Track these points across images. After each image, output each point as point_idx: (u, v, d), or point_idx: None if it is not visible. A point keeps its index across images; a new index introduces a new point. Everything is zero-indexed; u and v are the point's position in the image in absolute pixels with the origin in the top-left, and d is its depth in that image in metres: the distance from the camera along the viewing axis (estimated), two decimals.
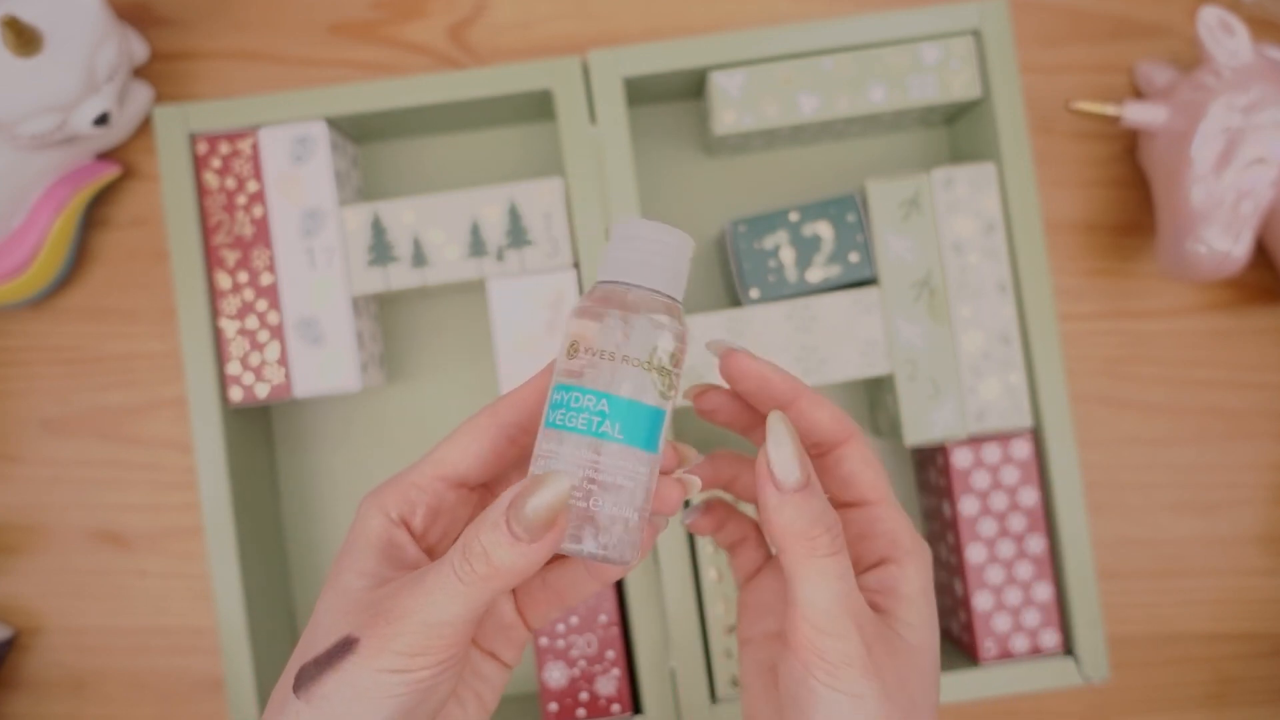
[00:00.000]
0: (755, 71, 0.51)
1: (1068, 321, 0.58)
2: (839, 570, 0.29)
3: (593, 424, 0.30)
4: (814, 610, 0.29)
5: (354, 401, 0.57)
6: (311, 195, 0.51)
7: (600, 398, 0.30)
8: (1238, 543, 0.58)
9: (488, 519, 0.28)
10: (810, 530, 0.29)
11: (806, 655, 0.29)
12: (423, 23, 0.58)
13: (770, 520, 0.29)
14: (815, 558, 0.29)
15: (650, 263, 0.32)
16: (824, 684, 0.28)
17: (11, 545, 0.57)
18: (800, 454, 0.30)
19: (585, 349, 0.31)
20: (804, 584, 0.29)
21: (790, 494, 0.29)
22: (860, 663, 0.28)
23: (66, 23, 0.48)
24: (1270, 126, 0.50)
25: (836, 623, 0.29)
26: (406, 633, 0.28)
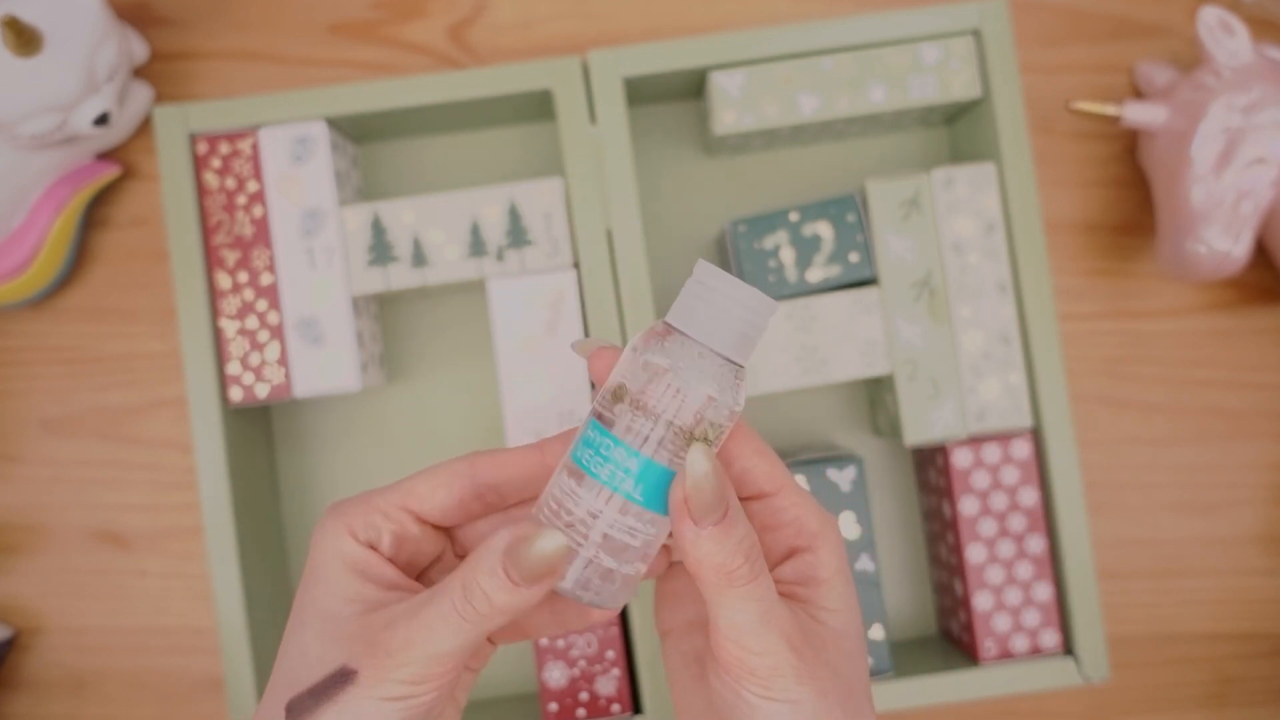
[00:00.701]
0: (755, 71, 0.51)
1: (1068, 321, 0.58)
2: (758, 594, 0.29)
3: (616, 479, 0.29)
4: (738, 631, 0.29)
5: (354, 401, 0.57)
6: (311, 195, 0.51)
7: (632, 455, 0.29)
8: (1238, 543, 0.58)
9: (484, 563, 0.28)
10: (729, 563, 0.29)
11: (737, 672, 0.29)
12: (423, 23, 0.58)
13: (686, 554, 0.29)
14: (733, 588, 0.29)
15: (726, 323, 0.30)
16: (759, 696, 0.29)
17: (11, 545, 0.57)
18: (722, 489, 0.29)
19: (632, 400, 0.30)
20: (724, 609, 0.29)
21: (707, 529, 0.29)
22: (792, 670, 0.29)
23: (66, 23, 0.48)
24: (1270, 126, 0.50)
25: (761, 640, 0.29)
26: (409, 664, 0.28)
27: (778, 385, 0.51)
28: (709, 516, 0.28)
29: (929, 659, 0.53)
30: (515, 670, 0.56)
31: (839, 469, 0.51)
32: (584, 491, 0.30)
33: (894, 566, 0.57)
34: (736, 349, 0.30)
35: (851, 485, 0.51)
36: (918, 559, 0.57)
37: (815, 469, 0.51)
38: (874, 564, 0.51)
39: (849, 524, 0.51)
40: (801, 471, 0.51)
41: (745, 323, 0.30)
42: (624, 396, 0.30)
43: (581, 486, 0.30)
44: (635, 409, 0.29)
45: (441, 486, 0.32)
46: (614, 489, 0.29)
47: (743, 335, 0.30)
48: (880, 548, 0.57)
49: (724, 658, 0.29)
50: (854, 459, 0.51)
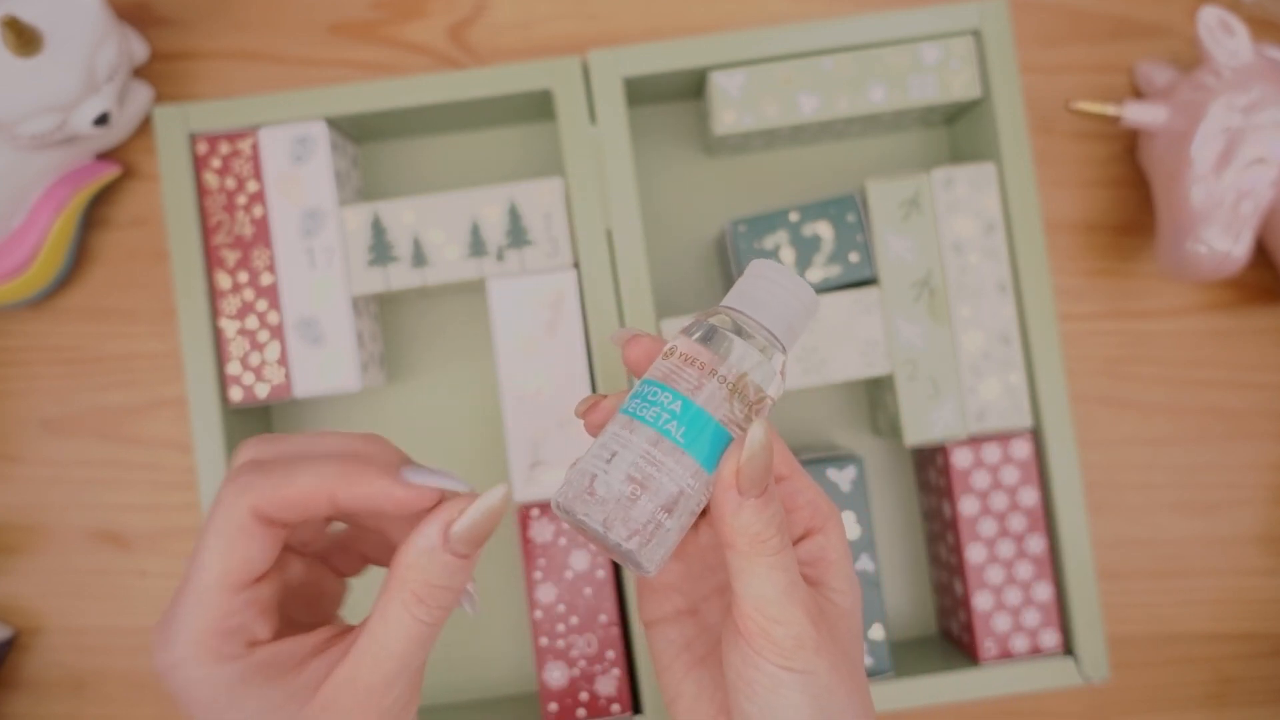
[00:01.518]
0: (755, 71, 0.51)
1: (1068, 321, 0.58)
2: (785, 564, 0.30)
3: (660, 419, 0.31)
4: (763, 602, 0.30)
5: (354, 401, 0.57)
6: (311, 195, 0.51)
7: (676, 398, 0.31)
8: (1238, 543, 0.58)
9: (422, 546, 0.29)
10: (764, 533, 0.30)
11: (759, 642, 0.30)
12: (423, 23, 0.58)
13: (726, 523, 0.30)
14: (764, 556, 0.30)
15: (771, 305, 0.33)
16: (778, 665, 0.30)
17: (11, 545, 0.57)
18: (771, 464, 0.30)
19: (681, 354, 0.32)
20: (752, 579, 0.30)
21: (750, 500, 0.30)
22: (811, 641, 0.30)
23: (66, 23, 0.48)
24: (1270, 126, 0.50)
25: (785, 611, 0.30)
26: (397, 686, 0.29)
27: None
28: (755, 488, 0.30)
29: (929, 659, 0.53)
30: (515, 670, 0.56)
31: (839, 469, 0.51)
32: (629, 434, 0.31)
33: (894, 566, 0.57)
34: (782, 330, 0.33)
35: (851, 485, 0.51)
36: (918, 559, 0.57)
37: (815, 469, 0.51)
38: (874, 564, 0.51)
39: (849, 524, 0.51)
40: None
41: (790, 308, 0.33)
42: (674, 353, 0.32)
43: (626, 430, 0.31)
44: (684, 360, 0.32)
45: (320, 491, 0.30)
46: (657, 427, 0.31)
47: (788, 319, 0.33)
48: (880, 548, 0.57)
49: (747, 628, 0.30)
50: (854, 459, 0.51)
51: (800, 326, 0.33)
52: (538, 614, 0.50)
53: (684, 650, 0.34)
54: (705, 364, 0.31)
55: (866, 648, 0.51)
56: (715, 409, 0.31)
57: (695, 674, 0.34)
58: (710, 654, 0.34)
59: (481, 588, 0.56)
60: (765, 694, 0.30)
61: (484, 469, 0.57)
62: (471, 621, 0.56)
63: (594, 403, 0.33)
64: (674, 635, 0.35)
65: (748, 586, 0.30)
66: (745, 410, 0.32)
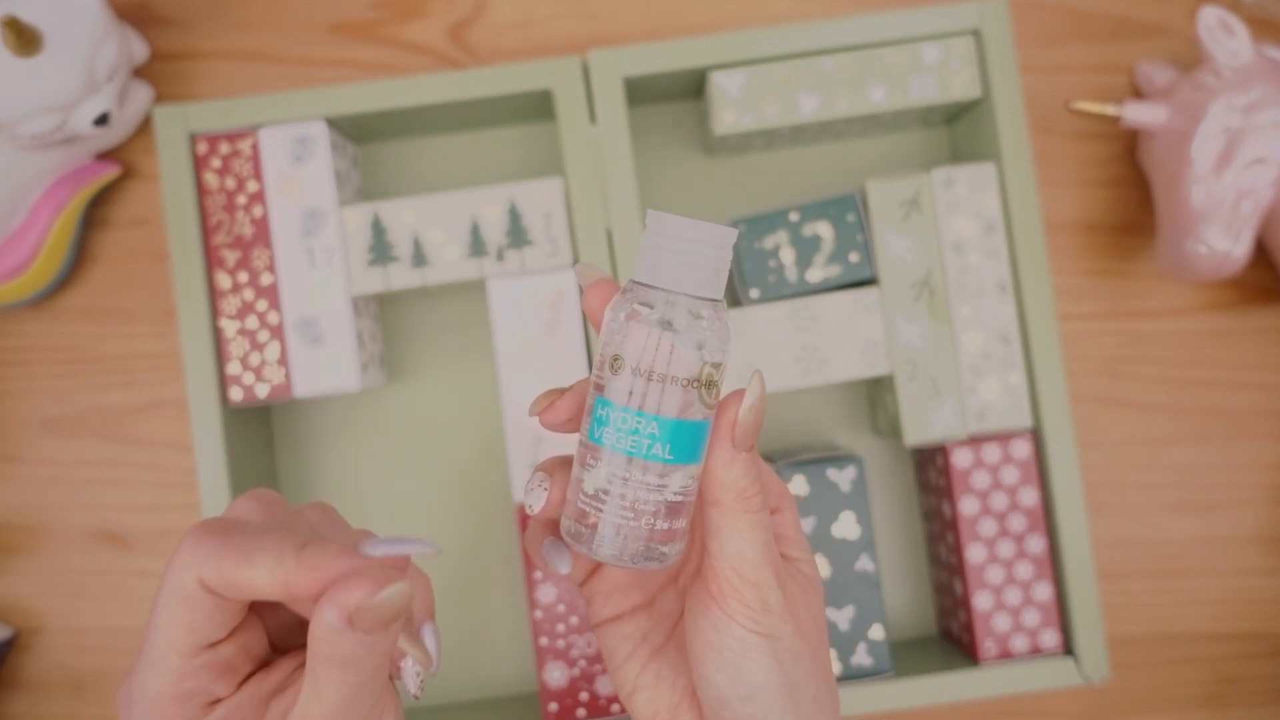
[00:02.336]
0: (755, 71, 0.51)
1: (1068, 321, 0.58)
2: (765, 523, 0.31)
3: (641, 447, 0.30)
4: (741, 560, 0.31)
5: (354, 401, 0.57)
6: (311, 195, 0.51)
7: (649, 420, 0.30)
8: (1238, 543, 0.58)
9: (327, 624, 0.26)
10: (749, 488, 0.31)
11: (731, 604, 0.31)
12: (423, 23, 0.58)
13: (716, 476, 0.31)
14: (748, 513, 0.31)
15: (692, 264, 0.30)
16: (747, 629, 0.31)
17: (11, 545, 0.57)
18: (762, 418, 0.31)
19: (630, 367, 0.30)
20: (734, 536, 0.31)
21: (741, 453, 0.31)
22: (779, 607, 0.31)
23: (66, 23, 0.48)
24: (1270, 126, 0.50)
25: (759, 571, 0.31)
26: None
27: (778, 385, 0.51)
28: (746, 440, 0.31)
29: (929, 659, 0.53)
30: (515, 670, 0.56)
31: (839, 469, 0.51)
32: (611, 468, 0.30)
33: (894, 566, 0.57)
34: (707, 286, 0.30)
35: (851, 485, 0.51)
36: (918, 559, 0.57)
37: (815, 469, 0.51)
38: (874, 564, 0.51)
39: (849, 524, 0.51)
40: (801, 471, 0.51)
41: (707, 258, 0.30)
42: (620, 367, 0.30)
43: (608, 465, 0.30)
44: (636, 374, 0.30)
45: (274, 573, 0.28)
46: (645, 456, 0.30)
47: (710, 271, 0.30)
48: (880, 548, 0.57)
49: (720, 589, 0.31)
50: (854, 459, 0.51)
51: (725, 268, 0.31)
52: (538, 614, 0.50)
53: (641, 643, 0.35)
54: (662, 373, 0.30)
55: (866, 648, 0.51)
56: (689, 411, 0.30)
57: (655, 664, 0.34)
58: (668, 641, 0.35)
59: (482, 588, 0.56)
60: (734, 658, 0.31)
61: (484, 469, 0.57)
62: (472, 621, 0.56)
63: (551, 401, 0.32)
64: (629, 630, 0.35)
65: (726, 544, 0.31)
66: (714, 391, 0.31)
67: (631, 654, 0.35)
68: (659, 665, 0.34)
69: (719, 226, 0.30)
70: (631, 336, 0.30)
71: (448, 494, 0.57)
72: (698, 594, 0.32)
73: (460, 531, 0.57)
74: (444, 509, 0.57)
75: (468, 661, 0.56)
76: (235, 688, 0.29)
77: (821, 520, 0.51)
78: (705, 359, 0.30)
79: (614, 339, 0.31)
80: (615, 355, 0.30)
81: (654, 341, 0.30)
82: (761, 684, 0.31)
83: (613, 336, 0.31)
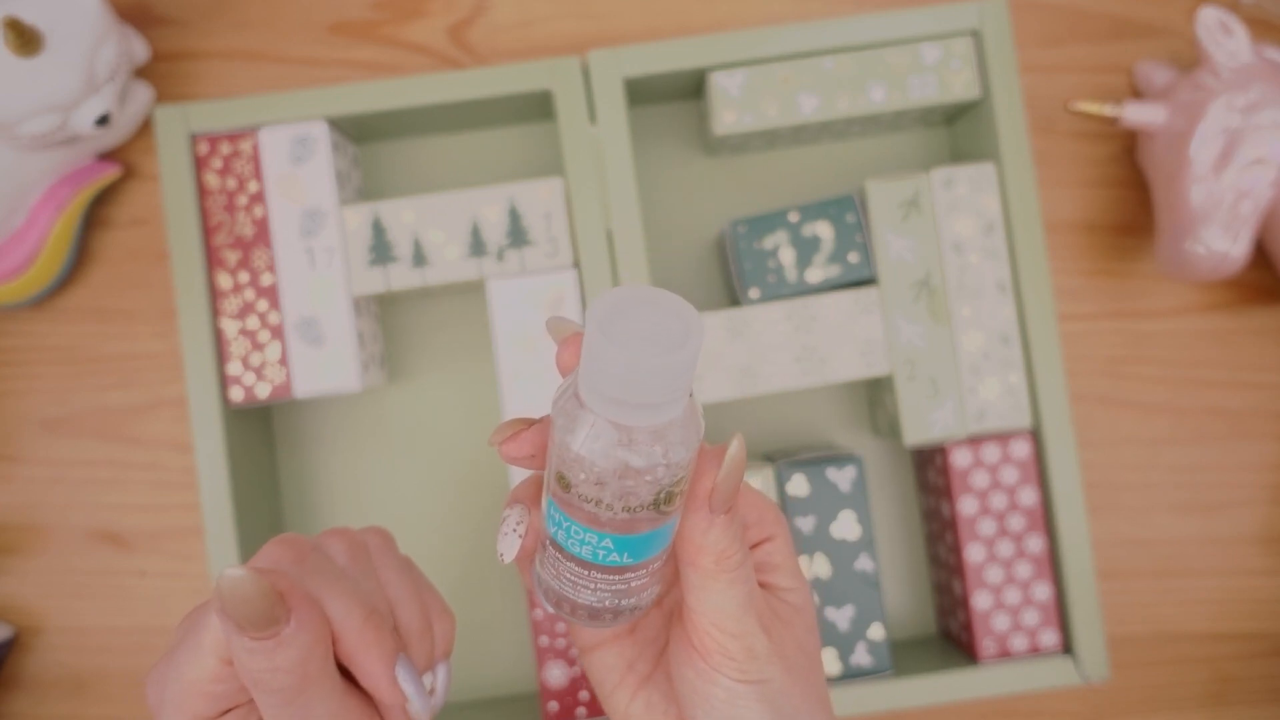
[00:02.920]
0: (755, 71, 0.51)
1: (1068, 321, 0.59)
2: (745, 577, 0.30)
3: (600, 555, 0.28)
4: (722, 615, 0.30)
5: (354, 401, 0.57)
6: (312, 195, 0.51)
7: (603, 538, 0.28)
8: (1238, 543, 0.58)
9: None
10: (728, 550, 0.30)
11: (715, 658, 0.30)
12: (423, 23, 0.58)
13: (693, 540, 0.30)
14: (726, 572, 0.30)
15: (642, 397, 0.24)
16: (733, 679, 0.30)
17: (11, 545, 0.57)
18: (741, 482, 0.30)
19: (580, 495, 0.27)
20: (712, 595, 0.30)
21: (720, 517, 0.30)
22: (764, 650, 0.30)
23: (67, 23, 0.48)
24: (1269, 127, 0.50)
25: (741, 624, 0.30)
26: None
27: (778, 385, 0.51)
28: (726, 504, 0.29)
29: (928, 658, 0.53)
30: (515, 670, 0.56)
31: (839, 469, 0.51)
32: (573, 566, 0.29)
33: (894, 566, 0.57)
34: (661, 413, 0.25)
35: (851, 485, 0.51)
36: (917, 559, 0.57)
37: (815, 469, 0.51)
38: (874, 564, 0.51)
39: (849, 524, 0.51)
40: (801, 471, 0.51)
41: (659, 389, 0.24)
42: (570, 486, 0.27)
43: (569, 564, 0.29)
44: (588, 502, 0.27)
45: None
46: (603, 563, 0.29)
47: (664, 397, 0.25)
48: (880, 548, 0.57)
49: (704, 644, 0.31)
50: (854, 459, 0.52)
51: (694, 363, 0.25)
52: (538, 614, 0.50)
53: (629, 671, 0.34)
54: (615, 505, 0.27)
55: (866, 647, 0.51)
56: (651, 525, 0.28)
57: (644, 693, 0.34)
58: (655, 670, 0.34)
59: (481, 587, 0.56)
60: (724, 707, 0.30)
61: (484, 469, 0.57)
62: (472, 621, 0.56)
63: (515, 433, 0.30)
64: (613, 659, 0.34)
65: (706, 602, 0.30)
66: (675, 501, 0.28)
67: (619, 683, 0.34)
68: (648, 694, 0.34)
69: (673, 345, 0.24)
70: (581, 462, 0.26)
71: (448, 494, 0.57)
72: (681, 642, 0.31)
73: (460, 531, 0.57)
74: (444, 509, 0.57)
75: (468, 661, 0.56)
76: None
77: (821, 520, 0.51)
78: (663, 481, 0.26)
79: (564, 455, 0.26)
80: (561, 474, 0.27)
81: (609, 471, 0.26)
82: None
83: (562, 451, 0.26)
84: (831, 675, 0.51)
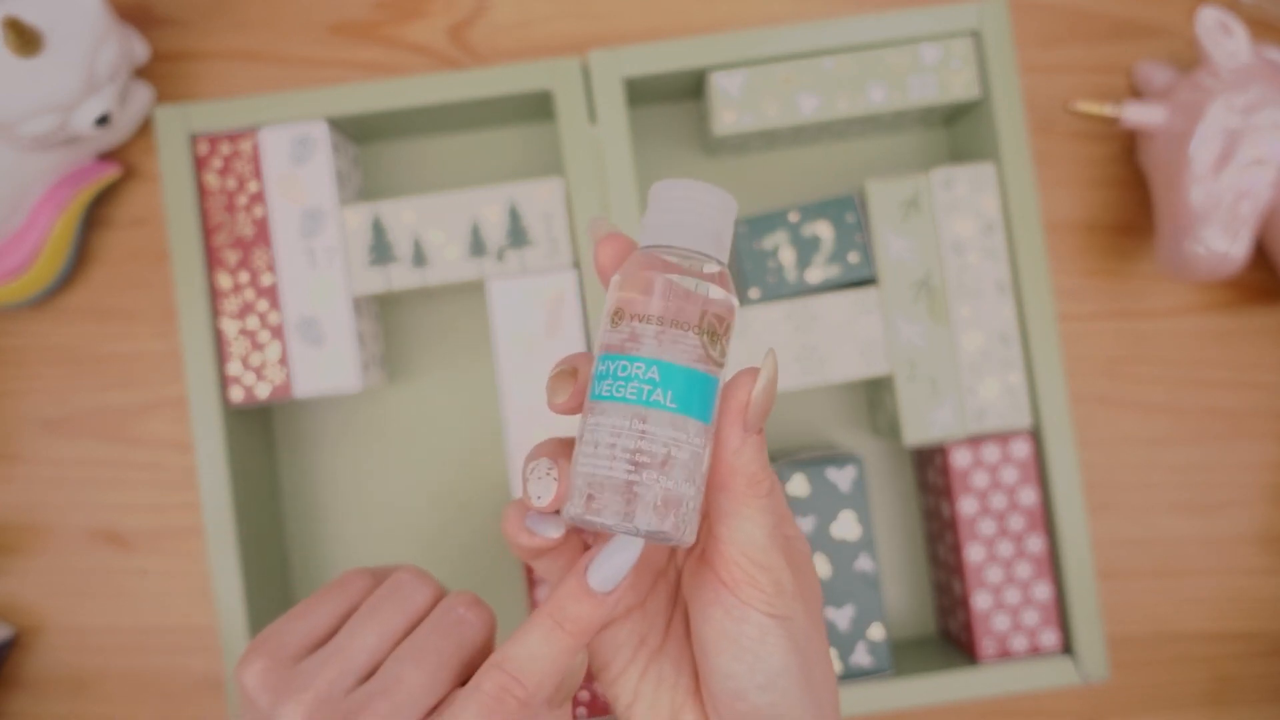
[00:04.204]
0: (755, 71, 0.51)
1: (1068, 321, 0.59)
2: (773, 506, 0.31)
3: (643, 393, 0.29)
4: (751, 545, 0.30)
5: (354, 401, 0.57)
6: (312, 195, 0.51)
7: (650, 365, 0.29)
8: (1237, 543, 0.58)
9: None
10: (760, 473, 0.30)
11: (745, 590, 0.31)
12: (423, 23, 0.58)
13: (726, 460, 0.30)
14: (758, 498, 0.30)
15: (692, 224, 0.30)
16: (765, 613, 0.30)
17: (11, 545, 0.57)
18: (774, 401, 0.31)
19: (631, 315, 0.30)
20: (745, 521, 0.30)
21: (752, 436, 0.30)
22: (790, 585, 0.31)
23: (67, 23, 0.48)
24: (1269, 127, 0.50)
25: (771, 555, 0.31)
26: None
27: (778, 385, 0.51)
28: (758, 423, 0.30)
29: (928, 658, 0.53)
30: None
31: (839, 469, 0.51)
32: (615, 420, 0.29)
33: (894, 566, 0.57)
34: (715, 246, 0.31)
35: (851, 485, 0.51)
36: (917, 559, 0.57)
37: (815, 469, 0.51)
38: (874, 564, 0.51)
39: (849, 523, 0.51)
40: (801, 471, 0.51)
41: (714, 220, 0.31)
42: (623, 318, 0.30)
43: (612, 417, 0.29)
44: (637, 321, 0.30)
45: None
46: (644, 403, 0.29)
47: (715, 233, 0.31)
48: (880, 547, 0.57)
49: (734, 576, 0.31)
50: (854, 459, 0.52)
51: (727, 232, 0.31)
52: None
53: (640, 646, 0.34)
54: (662, 317, 0.29)
55: (866, 647, 0.51)
56: (693, 359, 0.30)
57: (655, 667, 0.34)
58: (664, 643, 0.34)
59: (482, 587, 0.56)
60: (753, 645, 0.30)
61: (484, 469, 0.57)
62: None
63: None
64: (625, 636, 0.34)
65: (737, 530, 0.30)
66: (718, 345, 0.30)
67: (631, 660, 0.34)
68: (659, 667, 0.33)
69: (723, 192, 0.31)
70: (638, 286, 0.30)
71: (448, 494, 0.57)
72: (707, 582, 0.31)
73: (460, 531, 0.57)
74: (444, 509, 0.57)
75: None
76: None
77: (821, 520, 0.51)
78: (710, 308, 0.30)
79: (619, 294, 0.30)
80: (618, 309, 0.30)
81: (659, 287, 0.30)
82: (780, 668, 0.30)
83: (619, 290, 0.30)
84: None
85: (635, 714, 0.33)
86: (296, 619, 0.34)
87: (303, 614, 0.34)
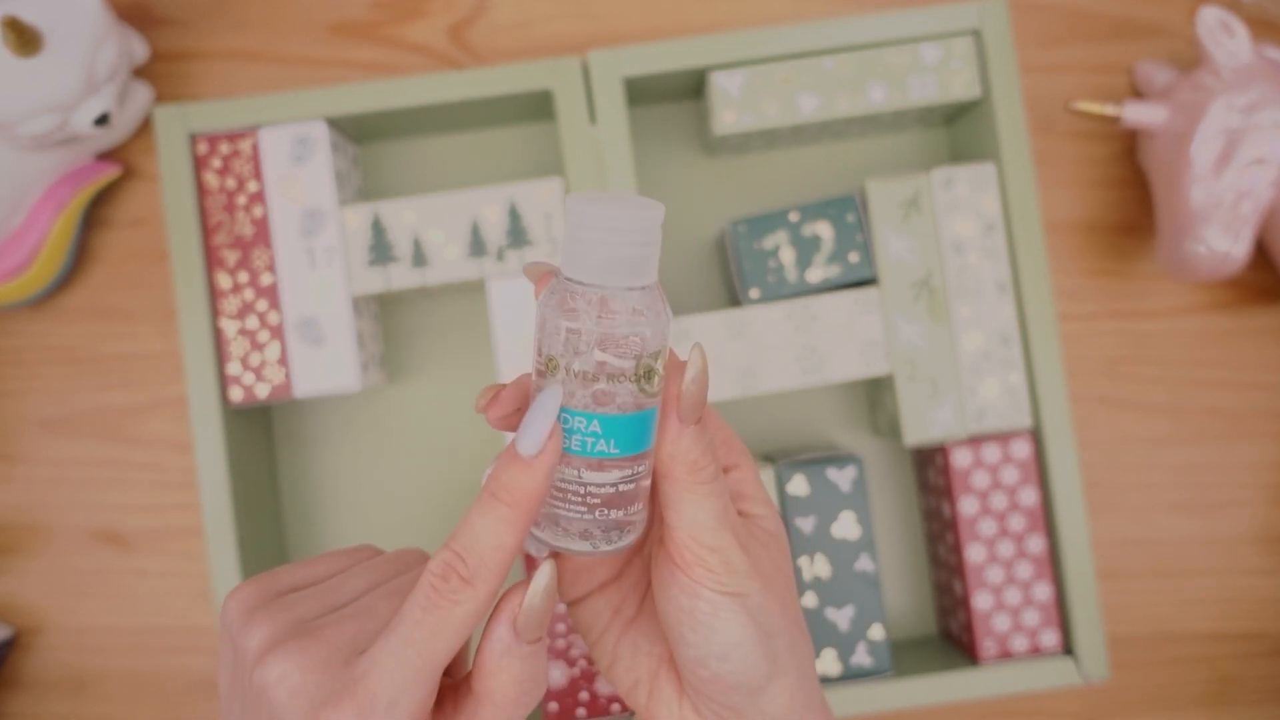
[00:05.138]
0: (755, 71, 0.51)
1: (1068, 321, 0.59)
2: (719, 491, 0.32)
3: (588, 445, 0.30)
4: (698, 528, 0.31)
5: (354, 401, 0.57)
6: (312, 195, 0.51)
7: (590, 419, 0.29)
8: (1237, 543, 0.58)
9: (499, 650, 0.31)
10: (700, 460, 0.31)
11: (696, 570, 0.32)
12: (423, 23, 0.58)
13: (666, 451, 0.31)
14: (701, 484, 0.31)
15: (618, 253, 0.28)
16: (715, 591, 0.31)
17: (11, 545, 0.57)
18: (707, 390, 0.31)
19: (564, 367, 0.29)
20: (689, 507, 0.31)
21: (689, 426, 0.31)
22: (743, 566, 0.32)
23: (66, 23, 0.48)
24: (1270, 127, 0.50)
25: (718, 537, 0.31)
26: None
27: (778, 385, 0.51)
28: (693, 414, 0.31)
29: (929, 659, 0.53)
30: None
31: (839, 469, 0.51)
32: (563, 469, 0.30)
33: (894, 566, 0.57)
34: (637, 273, 0.29)
35: (851, 485, 0.51)
36: (918, 559, 0.57)
37: (815, 469, 0.51)
38: (874, 564, 0.51)
39: (849, 524, 0.51)
40: (801, 471, 0.51)
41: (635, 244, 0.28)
42: (556, 367, 0.29)
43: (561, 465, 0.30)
44: (570, 374, 0.29)
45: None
46: (589, 454, 0.30)
47: (639, 256, 0.28)
48: (880, 548, 0.57)
49: (684, 558, 0.32)
50: (854, 459, 0.52)
51: (655, 248, 0.29)
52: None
53: (615, 616, 0.36)
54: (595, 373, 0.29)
55: (866, 648, 0.51)
56: (632, 405, 0.29)
57: (630, 635, 0.35)
58: (639, 612, 0.36)
59: None
60: (708, 619, 0.32)
61: (484, 469, 0.57)
62: None
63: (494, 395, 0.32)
64: (601, 606, 0.36)
65: (682, 515, 0.31)
66: (654, 380, 0.30)
67: (606, 628, 0.35)
68: (634, 636, 0.35)
69: (644, 206, 0.28)
70: (563, 335, 0.29)
71: (448, 494, 0.57)
72: (663, 562, 0.33)
73: None
74: (444, 509, 0.57)
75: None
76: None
77: (821, 520, 0.51)
78: (642, 351, 0.29)
79: (547, 338, 0.29)
80: (549, 356, 0.29)
81: (586, 341, 0.28)
82: (736, 641, 0.32)
83: (545, 336, 0.29)
84: (832, 676, 0.51)
85: (616, 674, 0.35)
86: (295, 567, 0.35)
87: (303, 564, 0.35)
